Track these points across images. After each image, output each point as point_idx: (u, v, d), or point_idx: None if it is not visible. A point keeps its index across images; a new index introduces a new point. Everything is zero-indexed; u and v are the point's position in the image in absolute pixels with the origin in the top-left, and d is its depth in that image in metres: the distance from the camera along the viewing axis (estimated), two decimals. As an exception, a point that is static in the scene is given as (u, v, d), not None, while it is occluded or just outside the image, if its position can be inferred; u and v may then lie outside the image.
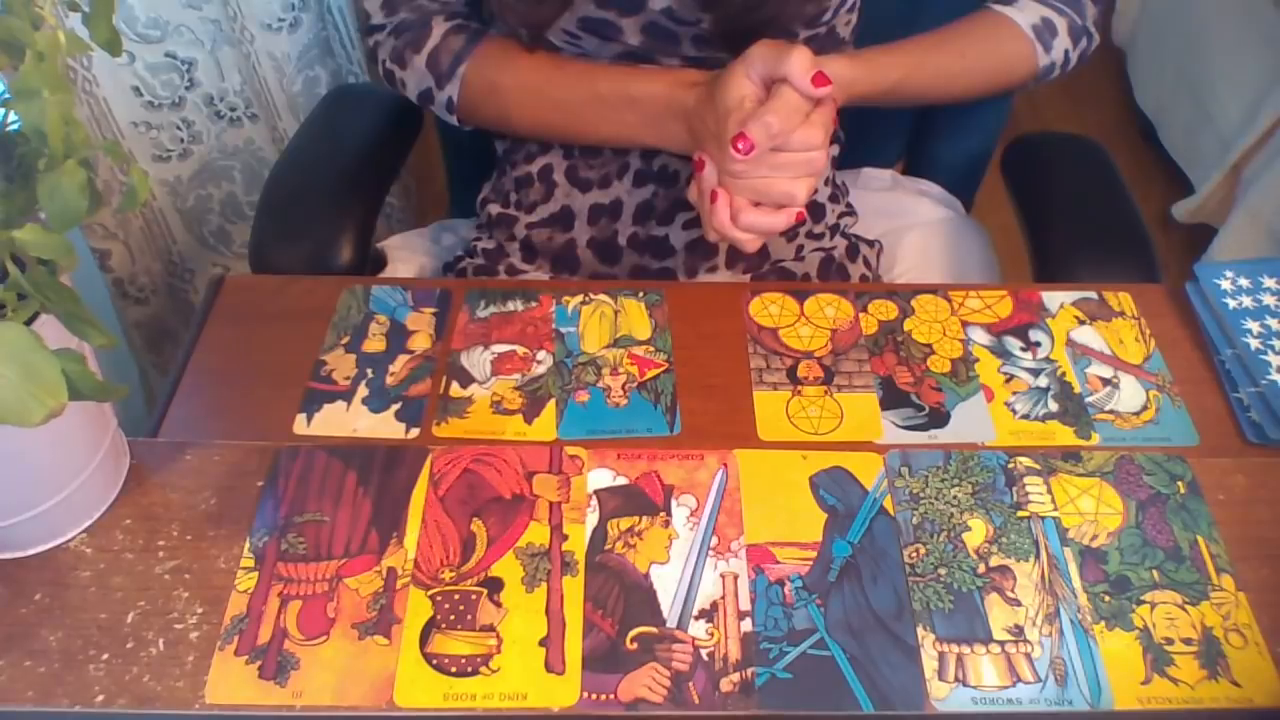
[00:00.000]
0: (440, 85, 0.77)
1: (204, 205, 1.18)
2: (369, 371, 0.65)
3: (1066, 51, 0.78)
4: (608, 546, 0.56)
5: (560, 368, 0.65)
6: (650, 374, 0.65)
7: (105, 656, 0.51)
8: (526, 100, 0.76)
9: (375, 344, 0.67)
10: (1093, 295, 0.70)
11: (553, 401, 0.63)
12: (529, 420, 0.62)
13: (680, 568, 0.55)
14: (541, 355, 0.66)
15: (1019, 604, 0.53)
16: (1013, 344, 0.67)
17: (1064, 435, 0.62)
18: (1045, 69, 0.78)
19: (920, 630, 0.52)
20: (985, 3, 0.79)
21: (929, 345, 0.67)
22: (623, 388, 0.64)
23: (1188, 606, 0.54)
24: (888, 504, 0.58)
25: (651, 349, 0.67)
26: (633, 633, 0.52)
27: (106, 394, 0.47)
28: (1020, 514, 0.57)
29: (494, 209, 0.84)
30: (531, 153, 0.82)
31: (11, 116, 0.45)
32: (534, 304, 0.69)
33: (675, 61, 0.74)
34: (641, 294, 0.70)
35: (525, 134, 0.80)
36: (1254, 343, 0.65)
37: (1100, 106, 2.04)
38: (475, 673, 0.51)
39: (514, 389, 0.64)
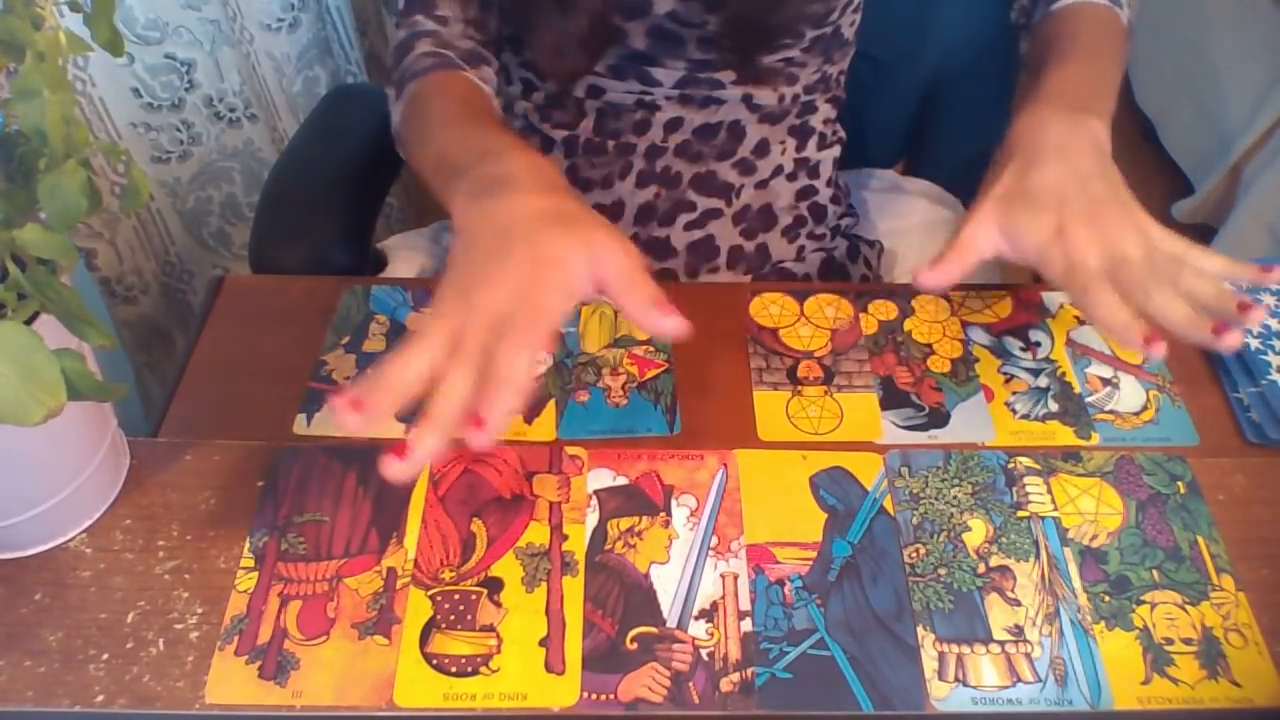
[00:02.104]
0: (395, 105, 0.69)
1: (204, 207, 1.18)
2: (369, 373, 0.65)
3: (1129, 7, 0.73)
4: (608, 546, 0.56)
5: (560, 368, 0.65)
6: (650, 374, 0.65)
7: (105, 656, 0.51)
8: (421, 128, 0.64)
9: (375, 344, 0.67)
10: (1093, 295, 0.70)
11: (553, 401, 0.63)
12: (529, 420, 0.62)
13: (680, 568, 0.55)
14: (541, 355, 0.66)
15: (1019, 604, 0.53)
16: (1013, 344, 0.67)
17: (1064, 435, 0.62)
18: (1129, 29, 0.72)
19: (920, 630, 0.52)
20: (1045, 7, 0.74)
21: (929, 345, 0.67)
22: (623, 388, 0.64)
23: (1188, 606, 0.54)
24: (888, 504, 0.58)
25: (651, 349, 0.67)
26: (633, 633, 0.52)
27: (106, 394, 0.47)
28: (1020, 514, 0.57)
29: (494, 209, 0.84)
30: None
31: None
32: (534, 304, 0.69)
33: (680, 64, 0.74)
34: (641, 294, 0.70)
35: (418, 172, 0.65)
36: (1254, 343, 0.65)
37: (1100, 106, 2.04)
38: (475, 673, 0.51)
39: (514, 389, 0.64)
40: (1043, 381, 0.65)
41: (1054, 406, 0.63)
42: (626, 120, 0.77)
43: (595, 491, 0.58)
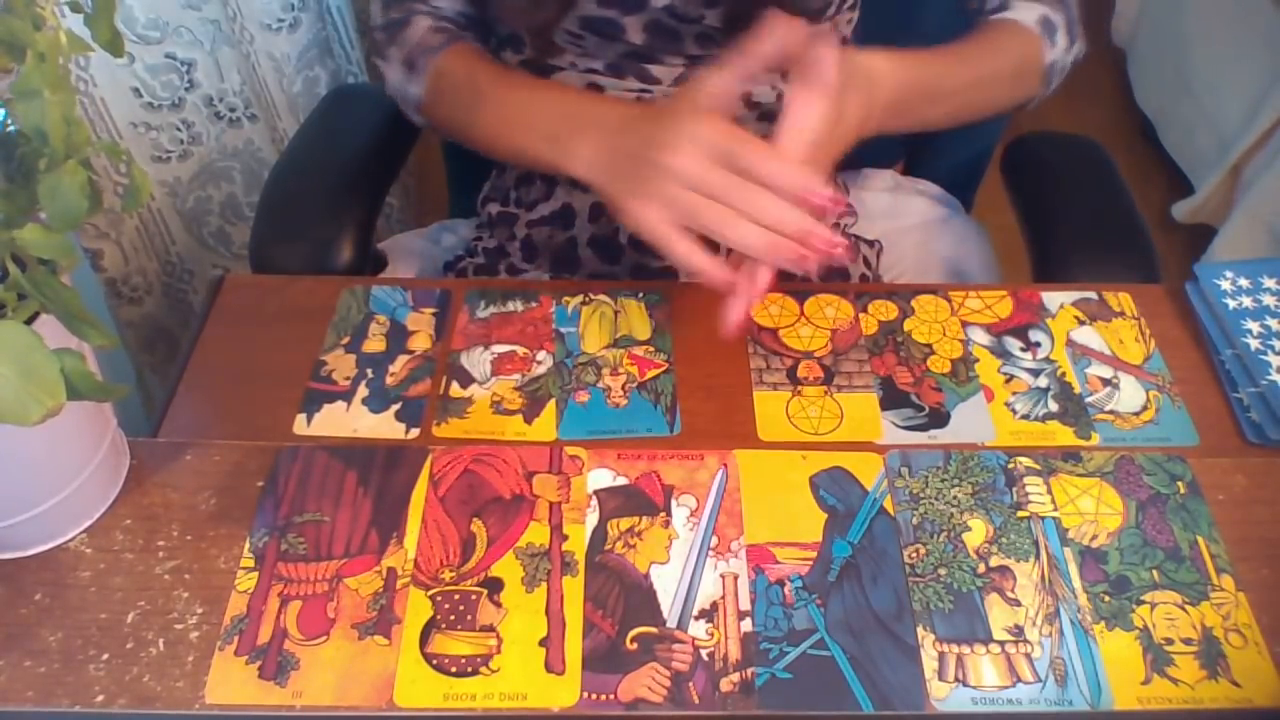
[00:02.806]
0: (410, 80, 0.76)
1: (204, 206, 1.18)
2: (369, 372, 0.65)
3: (1065, 51, 0.77)
4: (608, 546, 0.56)
5: (560, 368, 0.65)
6: (650, 374, 0.65)
7: (105, 656, 0.51)
8: (470, 94, 0.72)
9: (375, 344, 0.67)
10: (1093, 295, 0.70)
11: (553, 401, 0.63)
12: (529, 420, 0.62)
13: (680, 568, 0.55)
14: (541, 355, 0.66)
15: (1019, 604, 0.53)
16: (1013, 344, 0.67)
17: (1064, 435, 0.62)
18: (1049, 68, 0.77)
19: (920, 630, 0.52)
20: (983, 16, 0.77)
21: (929, 345, 0.67)
22: (623, 388, 0.64)
23: (1188, 606, 0.54)
24: (888, 504, 0.58)
25: (651, 349, 0.67)
26: (633, 633, 0.52)
27: (106, 394, 0.47)
28: (1020, 514, 0.57)
29: (494, 208, 0.85)
30: None
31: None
32: (534, 304, 0.69)
33: (679, 61, 0.74)
34: (641, 294, 0.70)
35: (470, 137, 0.74)
36: (1254, 343, 0.65)
37: (1100, 106, 2.04)
38: (475, 673, 0.51)
39: (514, 389, 0.64)
40: (1043, 381, 0.65)
41: (1054, 406, 0.63)
42: None
43: (595, 491, 0.58)
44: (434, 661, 0.51)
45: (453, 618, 0.52)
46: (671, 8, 0.70)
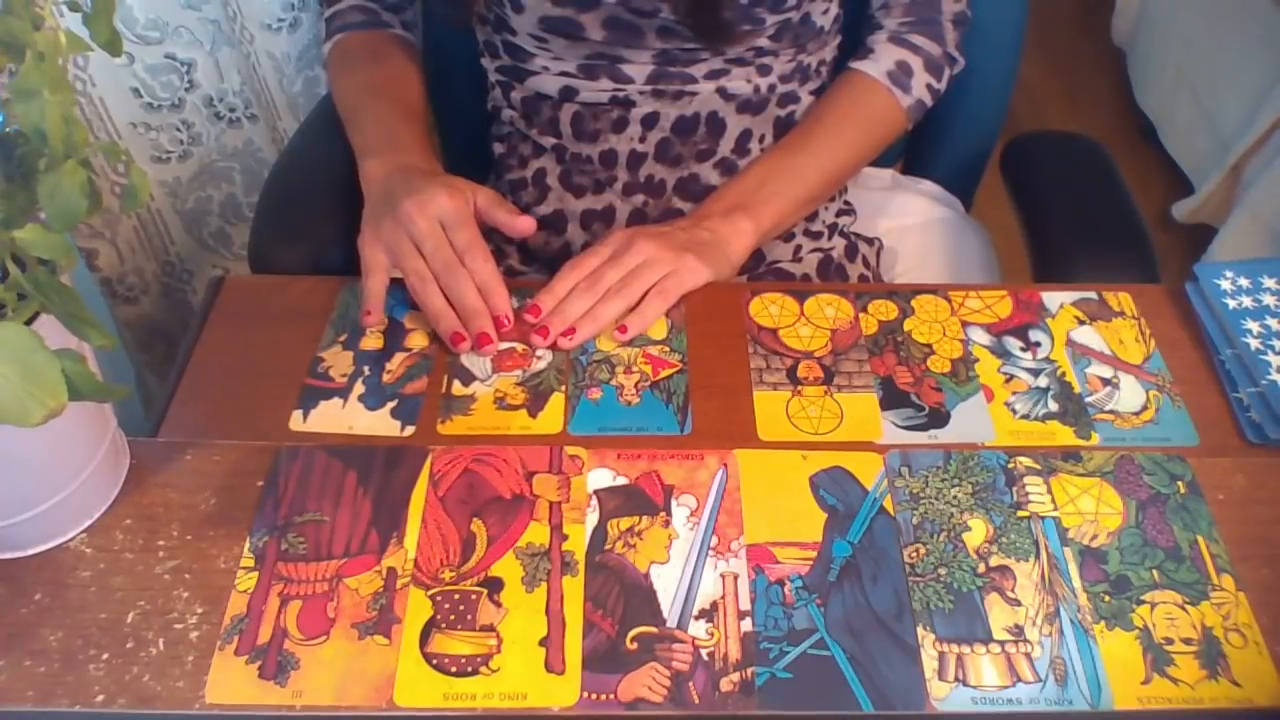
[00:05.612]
0: (324, 38, 0.87)
1: (203, 207, 1.17)
2: (365, 369, 0.65)
3: (929, 85, 0.80)
4: (608, 546, 0.56)
5: (574, 365, 0.65)
6: (664, 374, 0.65)
7: (105, 656, 0.51)
8: (351, 90, 0.82)
9: (373, 342, 0.67)
10: (1092, 295, 0.70)
11: (558, 396, 0.63)
12: (533, 415, 0.62)
13: (680, 568, 0.55)
14: (541, 350, 0.66)
15: (1019, 604, 0.53)
16: (1013, 344, 0.67)
17: (1064, 435, 0.62)
18: (911, 108, 0.80)
19: (920, 630, 0.52)
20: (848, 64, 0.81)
21: (929, 345, 0.67)
22: (635, 386, 0.64)
23: (1188, 606, 0.54)
24: (888, 504, 0.58)
25: (667, 349, 0.67)
26: (633, 633, 0.52)
27: (106, 394, 0.47)
28: (1020, 514, 0.57)
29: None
30: (525, 156, 0.82)
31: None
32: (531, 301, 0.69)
33: (645, 56, 0.74)
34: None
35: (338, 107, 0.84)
36: (1254, 343, 0.65)
37: (1100, 106, 2.05)
38: (475, 673, 0.51)
39: (516, 384, 0.64)
40: (1043, 381, 0.65)
41: (1054, 406, 0.63)
42: (604, 120, 0.77)
43: (595, 491, 0.58)
44: (434, 661, 0.51)
45: (453, 618, 0.52)
46: (626, 2, 0.70)
